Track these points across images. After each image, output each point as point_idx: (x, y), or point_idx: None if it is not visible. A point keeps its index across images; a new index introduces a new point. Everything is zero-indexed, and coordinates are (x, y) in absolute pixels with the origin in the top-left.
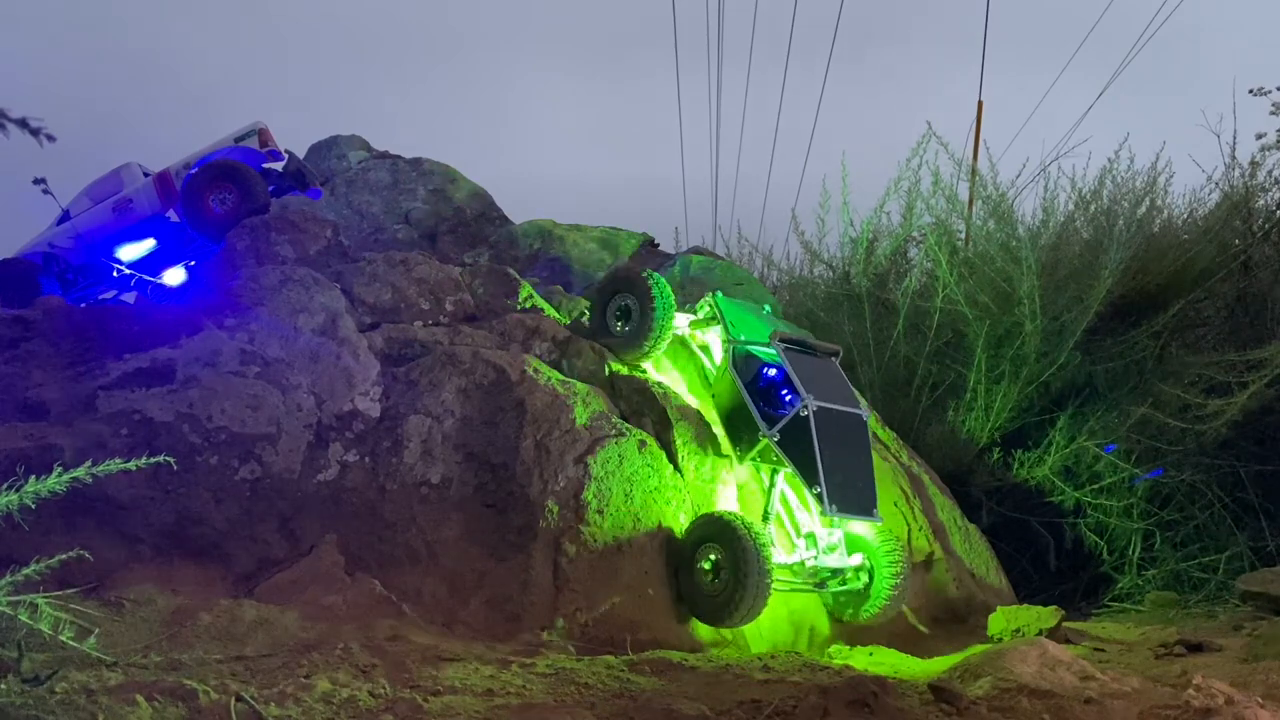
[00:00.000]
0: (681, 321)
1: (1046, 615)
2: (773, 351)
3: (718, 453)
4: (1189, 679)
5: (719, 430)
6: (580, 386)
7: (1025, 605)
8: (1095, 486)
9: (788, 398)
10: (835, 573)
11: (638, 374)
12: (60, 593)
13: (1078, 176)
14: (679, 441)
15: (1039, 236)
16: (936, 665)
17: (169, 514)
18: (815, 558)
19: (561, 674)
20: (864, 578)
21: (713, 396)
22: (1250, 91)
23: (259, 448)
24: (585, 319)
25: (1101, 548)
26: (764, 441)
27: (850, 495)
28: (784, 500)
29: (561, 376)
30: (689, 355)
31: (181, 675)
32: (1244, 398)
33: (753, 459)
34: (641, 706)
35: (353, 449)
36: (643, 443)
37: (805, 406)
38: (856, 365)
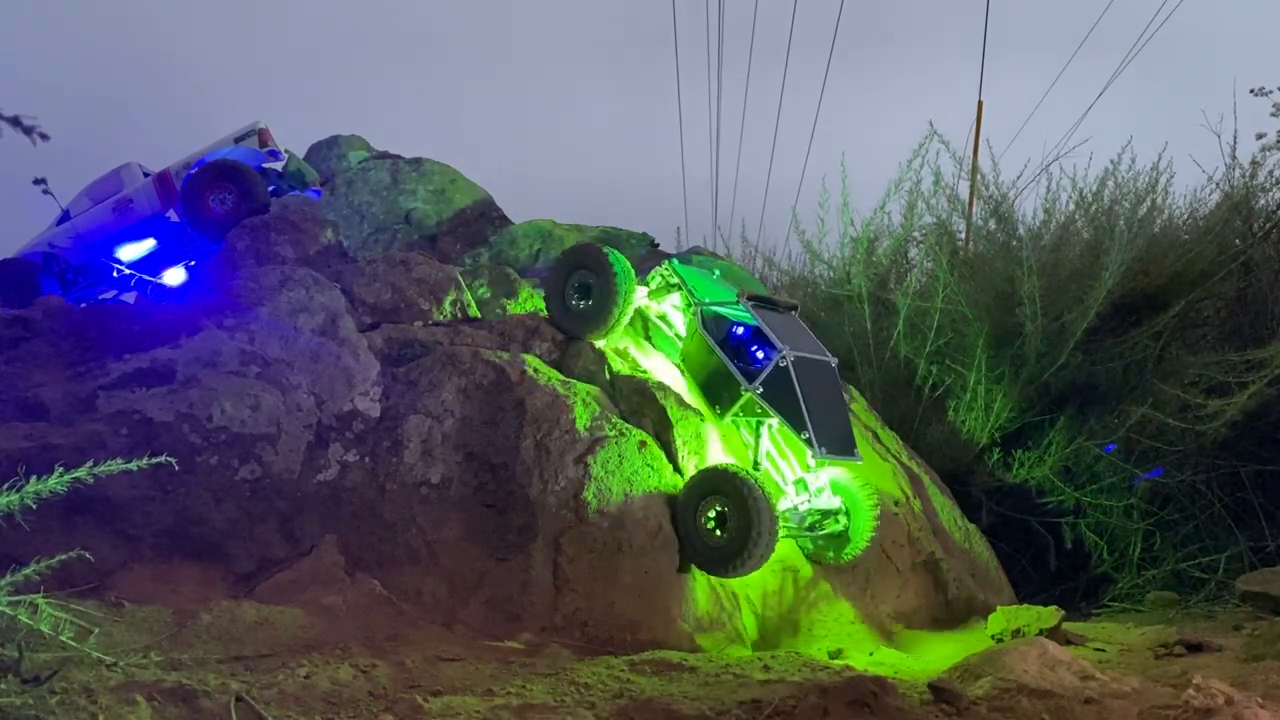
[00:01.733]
0: (638, 294)
1: (1046, 615)
2: (739, 310)
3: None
4: (1189, 679)
5: (695, 396)
6: (580, 387)
7: (1025, 605)
8: (1095, 486)
9: (759, 353)
10: (825, 515)
11: (638, 375)
12: (60, 593)
13: (1079, 177)
14: (679, 441)
15: (1040, 237)
16: (936, 665)
17: (169, 514)
18: (808, 501)
19: (561, 674)
20: (843, 521)
21: (683, 360)
22: (1251, 92)
23: (259, 448)
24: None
25: (1101, 548)
26: (746, 396)
27: (834, 438)
28: (769, 455)
29: (561, 377)
30: (646, 327)
31: (181, 675)
32: (1244, 398)
33: (734, 415)
34: (641, 706)
35: (353, 449)
36: (643, 443)
37: (784, 357)
38: (857, 365)
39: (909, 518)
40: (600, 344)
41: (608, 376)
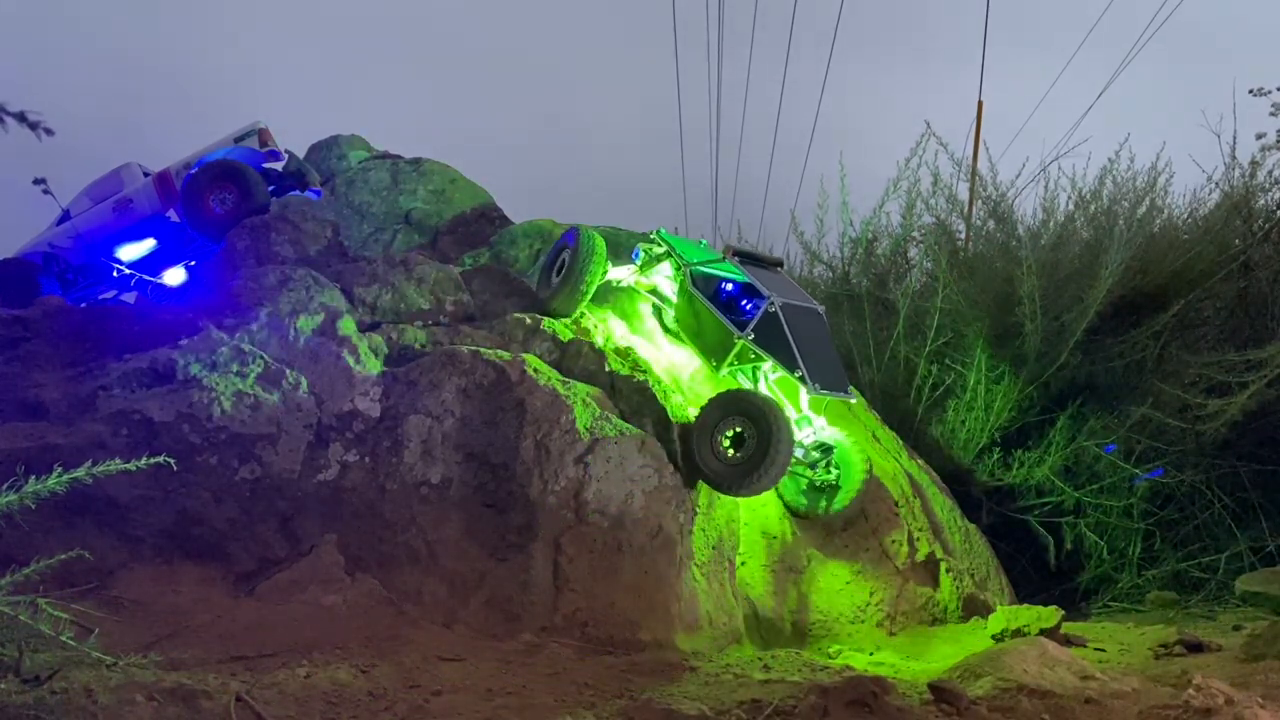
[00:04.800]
0: (624, 273)
1: (1046, 615)
2: (726, 267)
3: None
4: (1189, 679)
5: (691, 358)
6: (580, 387)
7: (1025, 605)
8: (1095, 486)
9: (748, 306)
10: (825, 452)
11: (638, 375)
12: (60, 592)
13: (1078, 176)
14: (679, 441)
15: (1039, 237)
16: (936, 665)
17: (169, 514)
18: (811, 435)
19: (561, 674)
20: (834, 471)
21: (676, 323)
22: (1250, 92)
23: (259, 448)
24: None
25: (1101, 548)
26: (740, 344)
27: (827, 376)
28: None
29: (561, 377)
30: (643, 305)
31: (181, 675)
32: (1244, 398)
33: (730, 365)
34: (641, 707)
35: (353, 449)
36: (643, 443)
37: (772, 303)
38: (857, 365)
39: (909, 518)
40: (587, 319)
41: (607, 376)
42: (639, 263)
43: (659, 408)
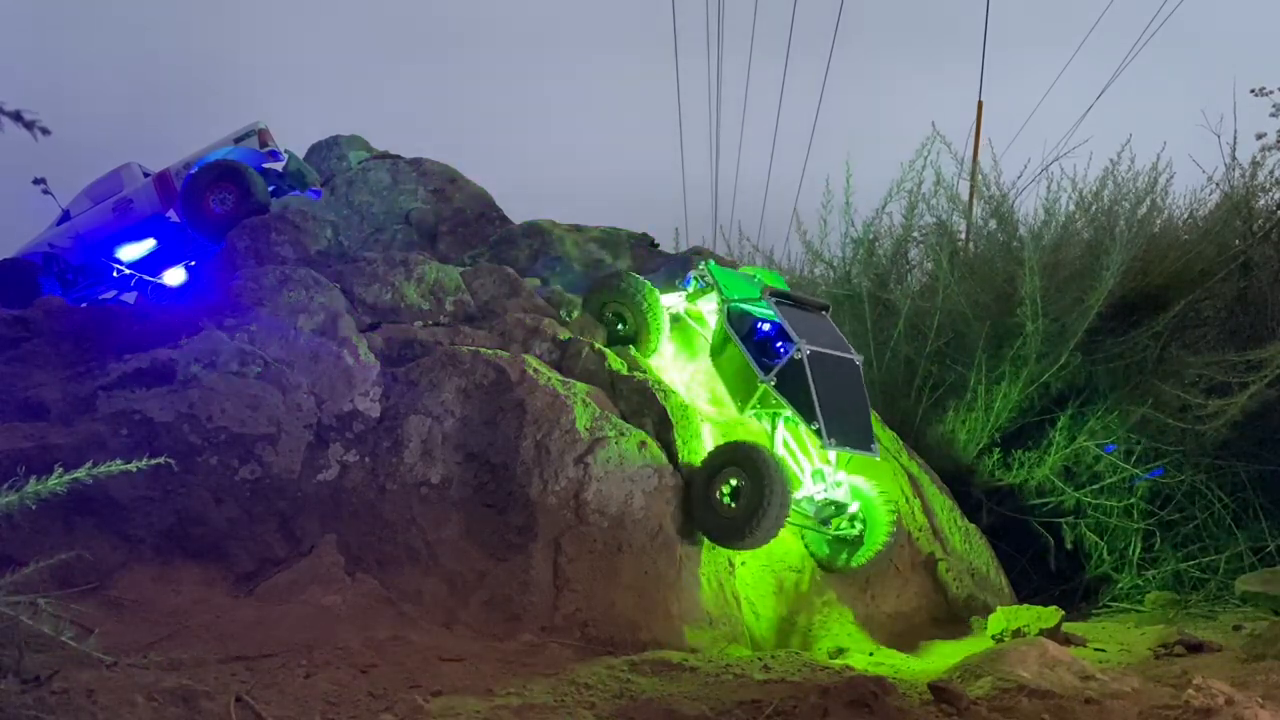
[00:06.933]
0: (675, 299)
1: (1047, 615)
2: (765, 307)
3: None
4: (1189, 679)
5: (722, 391)
6: (580, 387)
7: (1025, 605)
8: (1095, 486)
9: (781, 348)
10: (839, 509)
11: (637, 375)
12: (60, 593)
13: (1079, 177)
14: (679, 441)
15: (1040, 237)
16: (936, 665)
17: (169, 514)
18: (824, 490)
19: (561, 674)
20: (859, 525)
21: (711, 356)
22: (1251, 92)
23: (259, 448)
24: (576, 316)
25: (1101, 548)
26: (762, 388)
27: (848, 431)
28: (786, 445)
29: (561, 377)
30: (686, 329)
31: (181, 675)
32: (1244, 398)
33: (753, 408)
34: (641, 706)
35: (353, 449)
36: (643, 443)
37: (799, 350)
38: None
39: (908, 518)
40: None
41: (608, 376)
42: (690, 290)
43: (659, 408)
